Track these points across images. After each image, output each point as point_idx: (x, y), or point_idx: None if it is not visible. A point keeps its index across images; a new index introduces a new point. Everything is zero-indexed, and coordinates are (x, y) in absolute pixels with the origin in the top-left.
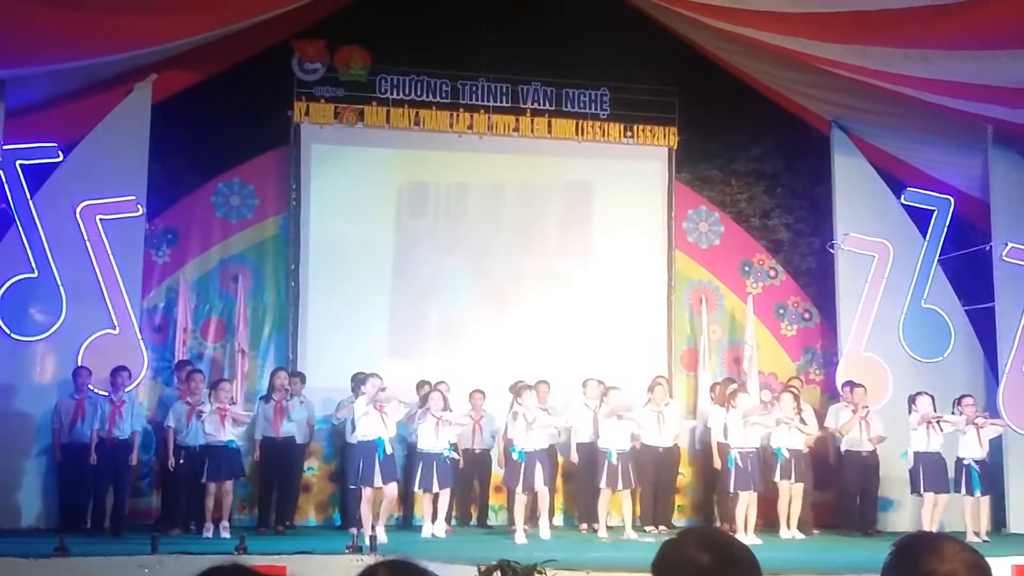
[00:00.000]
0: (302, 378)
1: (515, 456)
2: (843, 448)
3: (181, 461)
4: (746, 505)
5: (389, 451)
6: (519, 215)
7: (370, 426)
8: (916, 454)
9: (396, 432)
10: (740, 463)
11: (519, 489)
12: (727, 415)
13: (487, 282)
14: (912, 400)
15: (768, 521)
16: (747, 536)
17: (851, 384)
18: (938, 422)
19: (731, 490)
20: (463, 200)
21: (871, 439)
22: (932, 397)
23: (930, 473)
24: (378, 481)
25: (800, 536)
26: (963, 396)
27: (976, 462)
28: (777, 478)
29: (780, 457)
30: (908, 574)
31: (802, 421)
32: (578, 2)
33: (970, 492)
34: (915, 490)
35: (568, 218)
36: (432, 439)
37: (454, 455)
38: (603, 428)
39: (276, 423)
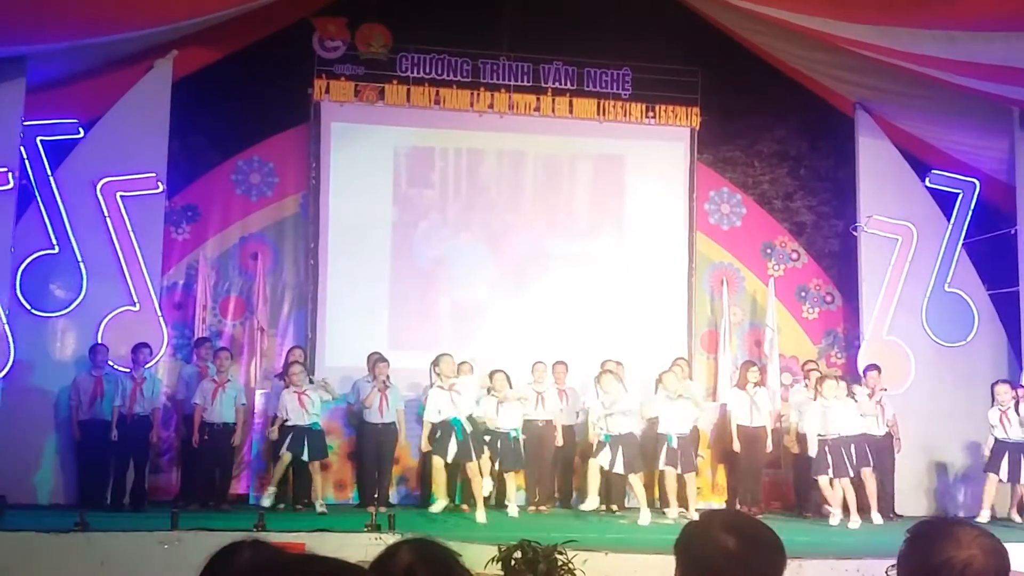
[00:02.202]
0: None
1: (601, 438)
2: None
3: (206, 437)
4: (839, 488)
5: (469, 429)
6: (539, 195)
7: (445, 407)
8: (996, 440)
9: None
10: (825, 449)
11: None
12: (814, 402)
13: (505, 262)
14: (992, 388)
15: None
16: (848, 519)
17: (869, 367)
18: (1016, 407)
19: (821, 475)
20: (483, 180)
21: (887, 423)
22: (1010, 383)
23: (996, 458)
24: (451, 456)
25: (879, 520)
26: (998, 382)
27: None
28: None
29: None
30: (925, 562)
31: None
32: None
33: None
34: (991, 469)
35: (589, 199)
36: (495, 419)
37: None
38: (663, 411)
39: None
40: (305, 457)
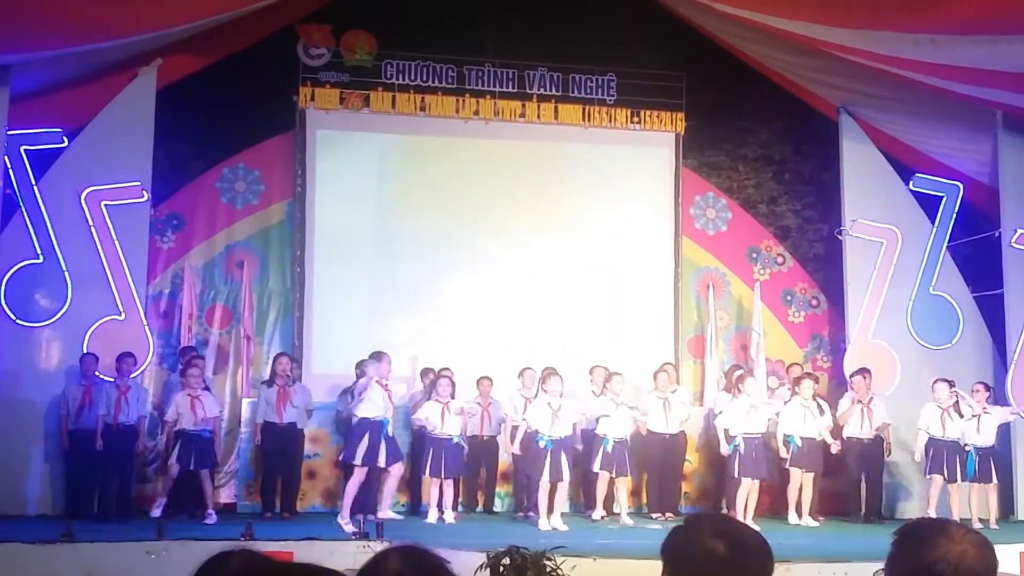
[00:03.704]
0: (298, 363)
1: (542, 444)
2: (844, 435)
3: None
4: (747, 491)
5: (391, 432)
6: (524, 201)
7: (375, 406)
8: (929, 439)
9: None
10: (743, 450)
11: (544, 479)
12: (732, 401)
13: (493, 268)
14: (932, 387)
15: (775, 508)
16: (746, 522)
17: (852, 372)
18: (955, 408)
19: (735, 475)
20: (468, 186)
21: (877, 429)
22: (950, 383)
23: (938, 459)
24: (382, 461)
25: (813, 523)
26: (976, 383)
27: (978, 449)
28: (788, 465)
29: (793, 445)
30: (918, 560)
31: (820, 409)
32: None
33: (963, 478)
34: (935, 470)
35: (574, 205)
36: (439, 425)
37: (463, 443)
38: (602, 414)
39: (279, 408)
40: (191, 466)
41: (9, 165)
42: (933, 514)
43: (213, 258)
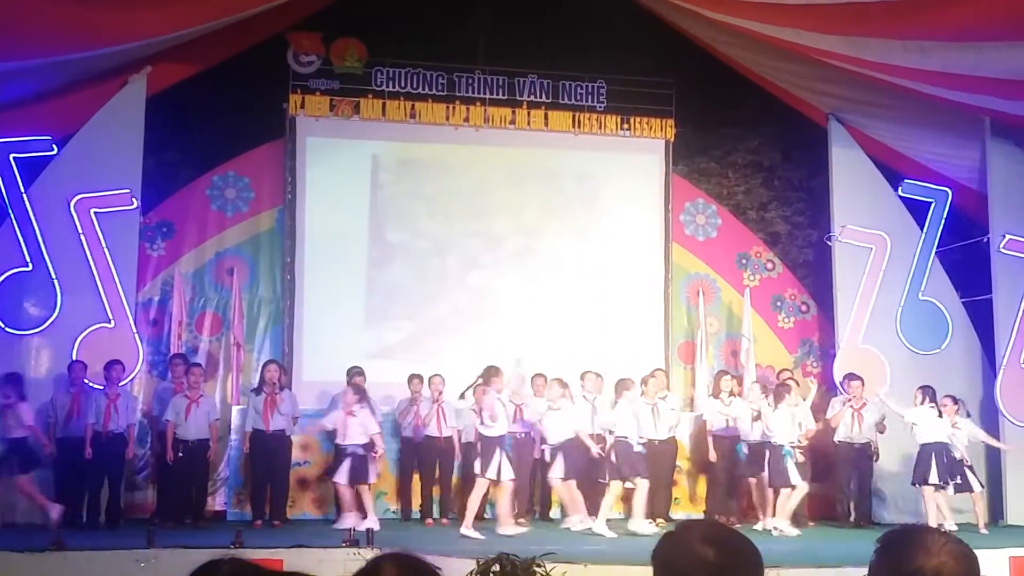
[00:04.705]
0: (287, 371)
1: (636, 448)
2: (836, 439)
3: (180, 454)
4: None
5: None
6: (514, 208)
7: (503, 423)
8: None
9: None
10: (796, 456)
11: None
12: (775, 410)
13: (483, 275)
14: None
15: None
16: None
17: (848, 376)
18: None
19: (796, 483)
20: (458, 193)
21: (878, 427)
22: (924, 388)
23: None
24: (505, 475)
25: (795, 531)
26: (944, 396)
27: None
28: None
29: (740, 452)
30: (896, 571)
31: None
32: None
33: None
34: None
35: (564, 212)
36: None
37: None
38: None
39: (266, 416)
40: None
41: None
42: (932, 522)
43: (203, 265)
